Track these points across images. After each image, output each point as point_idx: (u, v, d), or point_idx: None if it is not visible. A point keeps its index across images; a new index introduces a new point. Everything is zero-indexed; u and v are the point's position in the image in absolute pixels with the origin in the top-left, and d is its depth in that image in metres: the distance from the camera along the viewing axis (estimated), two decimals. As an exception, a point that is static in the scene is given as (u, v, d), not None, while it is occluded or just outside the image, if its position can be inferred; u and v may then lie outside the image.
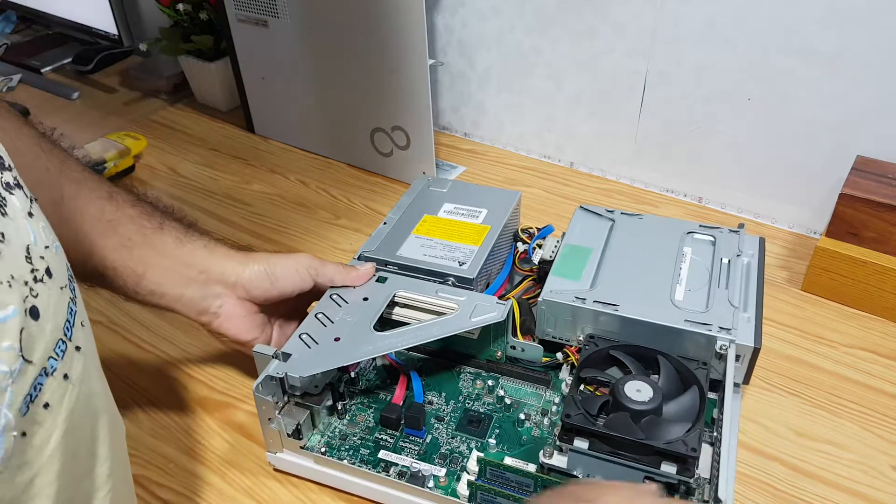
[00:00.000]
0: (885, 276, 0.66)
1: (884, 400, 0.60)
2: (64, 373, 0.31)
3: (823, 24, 0.69)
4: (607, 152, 0.90)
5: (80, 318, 0.34)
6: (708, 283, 0.58)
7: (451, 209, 0.69)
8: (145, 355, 0.68)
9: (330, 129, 0.96)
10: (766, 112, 0.76)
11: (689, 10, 0.75)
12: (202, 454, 0.58)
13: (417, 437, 0.55)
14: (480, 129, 1.01)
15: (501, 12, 0.89)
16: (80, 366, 0.33)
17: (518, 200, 0.70)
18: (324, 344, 0.53)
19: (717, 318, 0.54)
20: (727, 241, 0.63)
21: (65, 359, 0.31)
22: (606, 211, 0.67)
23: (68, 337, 0.32)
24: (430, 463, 0.53)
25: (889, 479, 0.54)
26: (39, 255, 0.31)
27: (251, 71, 0.99)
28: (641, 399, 0.49)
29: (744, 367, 0.54)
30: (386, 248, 0.63)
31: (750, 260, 0.61)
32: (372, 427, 0.56)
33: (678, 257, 0.61)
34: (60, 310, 0.31)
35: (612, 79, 0.85)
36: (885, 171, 0.69)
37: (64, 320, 0.32)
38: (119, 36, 1.21)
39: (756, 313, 0.55)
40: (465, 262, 0.61)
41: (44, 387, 0.30)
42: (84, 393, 0.33)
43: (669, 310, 0.55)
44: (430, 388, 0.59)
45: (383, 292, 0.58)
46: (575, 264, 0.61)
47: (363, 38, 0.84)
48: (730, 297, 0.56)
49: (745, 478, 0.54)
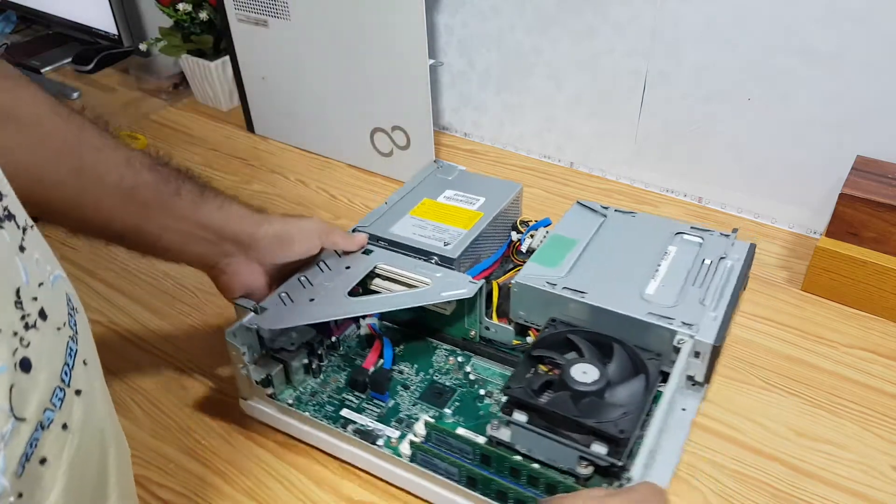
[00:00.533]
0: (885, 276, 0.66)
1: (884, 400, 0.60)
2: (62, 423, 0.29)
3: (823, 24, 0.69)
4: (607, 152, 0.90)
5: (81, 356, 0.32)
6: (683, 282, 0.59)
7: (452, 195, 0.71)
8: (145, 355, 0.68)
9: (330, 130, 0.96)
10: (766, 112, 0.76)
11: (689, 10, 0.75)
12: (202, 454, 0.58)
13: (381, 401, 0.59)
14: (480, 129, 1.01)
15: (501, 12, 0.89)
16: (80, 411, 0.30)
17: (518, 192, 0.72)
18: (298, 303, 0.57)
19: (682, 313, 0.55)
20: (715, 243, 0.63)
21: (63, 408, 0.29)
22: (602, 207, 0.68)
23: (66, 383, 0.29)
24: (386, 425, 0.56)
25: (889, 479, 0.54)
26: (32, 296, 0.28)
27: (251, 71, 0.99)
28: (585, 381, 0.50)
29: (704, 365, 0.54)
30: (379, 225, 0.67)
31: (734, 264, 0.60)
32: (342, 388, 0.60)
33: (661, 255, 0.62)
34: (57, 354, 0.29)
35: (612, 79, 0.85)
36: (885, 171, 0.69)
37: (61, 365, 0.29)
38: (119, 36, 1.21)
39: (725, 314, 0.55)
40: (451, 243, 0.64)
41: (40, 442, 0.27)
42: (87, 437, 0.31)
43: (636, 302, 0.56)
44: (405, 359, 0.63)
45: (365, 263, 0.62)
46: (556, 253, 0.63)
47: (363, 38, 0.84)
48: (702, 296, 0.57)
49: (745, 478, 0.54)
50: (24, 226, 0.31)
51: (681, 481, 0.54)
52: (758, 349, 0.65)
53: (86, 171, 0.48)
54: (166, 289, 0.76)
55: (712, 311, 0.55)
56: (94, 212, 0.49)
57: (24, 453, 0.26)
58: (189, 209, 0.53)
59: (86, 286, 0.76)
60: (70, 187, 0.47)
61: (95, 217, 0.49)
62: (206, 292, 0.75)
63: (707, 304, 0.56)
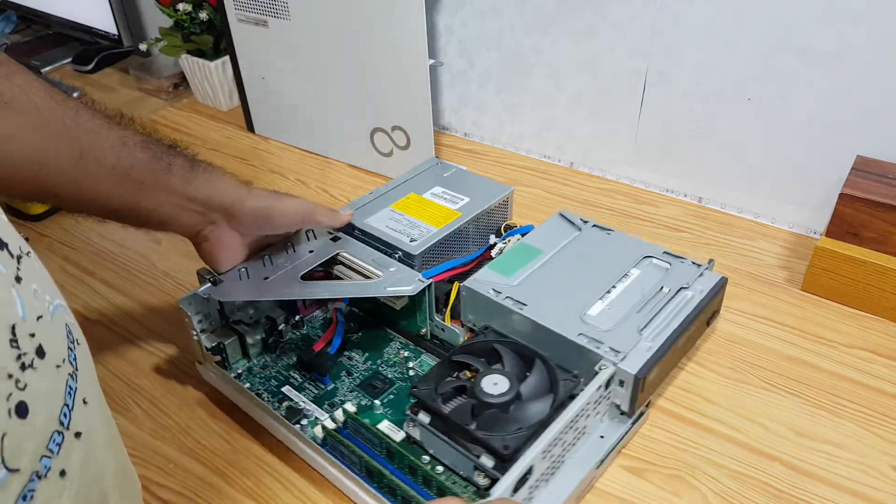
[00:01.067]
0: (885, 276, 0.66)
1: (884, 400, 0.60)
2: (60, 469, 0.27)
3: (823, 24, 0.69)
4: (607, 152, 0.90)
5: (81, 394, 0.29)
6: (630, 307, 0.56)
7: (439, 192, 0.72)
8: (145, 355, 0.68)
9: (330, 129, 0.96)
10: (766, 112, 0.76)
11: (689, 10, 0.75)
12: (202, 454, 0.58)
13: (322, 384, 0.60)
14: (480, 129, 1.01)
15: (501, 12, 0.89)
16: (81, 454, 0.28)
17: (507, 196, 0.71)
18: (254, 279, 0.60)
19: (614, 339, 0.53)
20: (683, 272, 0.60)
21: (61, 453, 0.27)
22: (581, 220, 0.67)
23: (65, 425, 0.27)
24: (319, 406, 0.58)
25: (889, 479, 0.54)
26: (29, 332, 0.26)
27: (251, 71, 0.99)
28: (492, 392, 0.50)
29: (627, 394, 0.52)
30: (357, 215, 0.68)
31: (695, 295, 0.57)
32: (291, 366, 0.62)
33: (619, 277, 0.60)
34: (56, 395, 0.27)
35: (612, 79, 0.85)
36: (885, 171, 0.69)
37: (60, 406, 0.27)
38: (119, 36, 1.21)
39: (663, 345, 0.52)
40: (417, 240, 0.64)
41: (35, 493, 0.25)
42: (86, 481, 0.29)
43: (573, 321, 0.55)
44: (359, 347, 0.64)
45: (328, 250, 0.64)
46: (515, 262, 0.62)
47: (363, 38, 0.84)
48: (644, 324, 0.54)
49: (745, 478, 0.54)
50: (18, 254, 0.28)
51: (681, 481, 0.54)
52: (758, 349, 0.65)
53: (84, 155, 0.49)
54: (166, 289, 0.76)
55: (648, 342, 0.53)
56: (92, 192, 0.50)
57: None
58: (180, 184, 0.54)
59: (86, 286, 0.76)
60: (70, 171, 0.48)
61: (94, 197, 0.51)
62: (206, 292, 0.75)
63: (645, 333, 0.54)
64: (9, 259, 0.27)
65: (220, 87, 1.09)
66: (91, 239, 0.84)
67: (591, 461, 0.52)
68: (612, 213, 0.85)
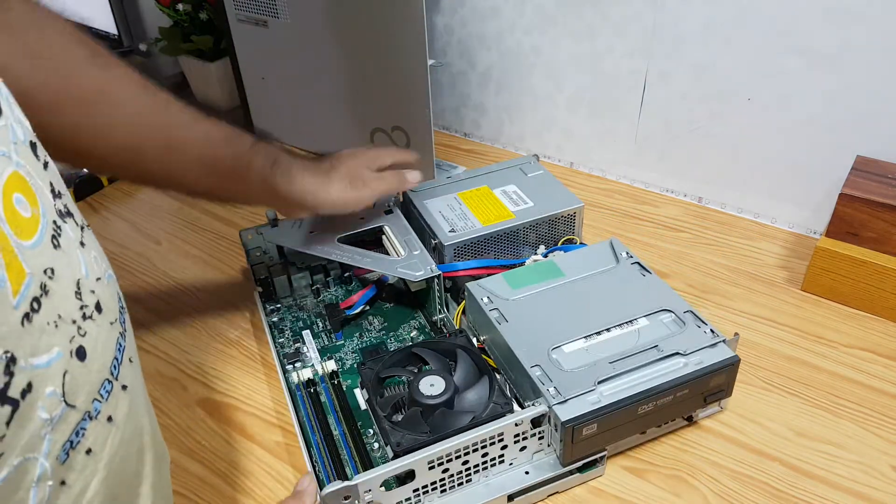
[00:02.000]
0: (885, 276, 0.66)
1: (884, 400, 0.60)
2: (108, 415, 0.30)
3: (823, 24, 0.69)
4: (607, 152, 0.90)
5: (128, 353, 0.33)
6: (608, 356, 0.53)
7: (510, 191, 0.73)
8: (145, 355, 0.68)
9: (330, 129, 0.96)
10: (766, 112, 0.76)
11: (689, 10, 0.75)
12: (202, 454, 0.58)
13: (334, 337, 0.65)
14: (480, 129, 1.01)
15: (501, 12, 0.89)
16: (125, 406, 0.31)
17: (573, 210, 0.70)
18: (303, 230, 0.67)
19: (564, 382, 0.51)
20: (692, 337, 0.54)
21: (110, 400, 0.30)
22: (627, 254, 0.63)
23: (115, 376, 0.30)
24: (321, 357, 0.62)
25: (889, 479, 0.54)
26: (90, 288, 0.30)
27: (251, 71, 0.99)
28: (425, 391, 0.53)
29: (558, 440, 0.50)
30: (422, 193, 0.73)
31: (687, 365, 0.52)
32: (321, 314, 0.67)
33: (623, 322, 0.56)
34: (109, 347, 0.30)
35: (612, 79, 0.85)
36: (885, 171, 0.69)
37: (112, 358, 0.30)
38: (119, 36, 1.21)
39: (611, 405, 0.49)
40: (457, 231, 0.66)
41: (86, 431, 0.28)
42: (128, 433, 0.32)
43: (538, 353, 0.54)
44: (383, 316, 0.67)
45: (377, 221, 0.69)
46: (530, 278, 0.61)
47: (363, 38, 0.84)
48: (606, 377, 0.51)
49: (745, 478, 0.54)
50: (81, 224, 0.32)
51: (681, 481, 0.54)
52: (758, 349, 0.65)
53: (173, 147, 0.52)
54: (166, 289, 0.76)
55: (598, 396, 0.50)
56: (180, 179, 0.55)
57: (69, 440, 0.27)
58: (259, 182, 0.57)
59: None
60: (161, 161, 0.52)
61: (182, 183, 0.55)
62: (206, 292, 0.75)
63: (602, 387, 0.51)
64: (75, 227, 0.31)
65: (220, 87, 1.09)
66: (91, 239, 0.84)
67: (501, 490, 0.51)
68: (612, 214, 0.85)
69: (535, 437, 0.51)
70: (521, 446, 0.51)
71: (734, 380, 0.55)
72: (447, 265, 0.65)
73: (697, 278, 0.74)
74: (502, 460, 0.51)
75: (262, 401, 0.62)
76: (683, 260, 0.77)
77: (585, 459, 0.52)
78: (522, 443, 0.51)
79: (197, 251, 0.81)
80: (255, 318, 0.71)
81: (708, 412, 0.58)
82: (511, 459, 0.52)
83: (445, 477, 0.49)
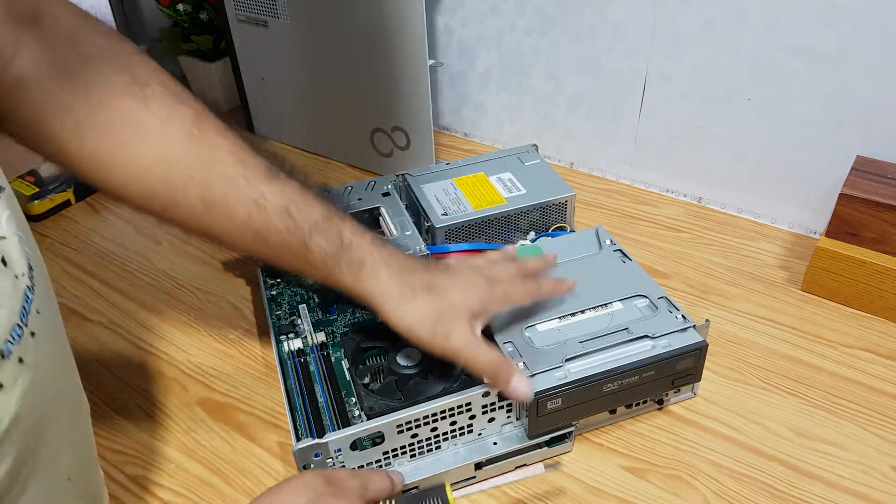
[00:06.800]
0: (885, 276, 0.66)
1: (884, 400, 0.60)
2: (18, 357, 0.32)
3: (823, 23, 0.69)
4: (607, 152, 0.90)
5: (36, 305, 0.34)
6: (577, 335, 0.55)
7: (505, 178, 0.75)
8: (145, 355, 0.68)
9: (330, 129, 0.96)
10: (766, 112, 0.76)
11: (689, 10, 0.75)
12: (202, 454, 0.58)
13: (328, 312, 0.65)
14: (480, 129, 1.01)
15: (501, 12, 0.89)
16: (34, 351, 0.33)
17: (564, 198, 0.73)
18: None
19: (534, 358, 0.53)
20: (663, 322, 0.56)
21: (21, 342, 0.32)
22: (610, 242, 0.65)
23: (24, 322, 0.32)
24: (315, 329, 0.62)
25: (889, 479, 0.54)
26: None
27: (251, 71, 0.99)
28: (401, 362, 0.55)
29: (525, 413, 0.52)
30: (420, 178, 0.75)
31: (655, 347, 0.54)
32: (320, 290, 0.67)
33: (597, 305, 0.58)
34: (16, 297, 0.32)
35: (612, 79, 0.85)
36: (885, 171, 0.69)
37: (19, 307, 0.32)
38: (119, 36, 1.21)
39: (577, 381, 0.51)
40: (449, 215, 0.68)
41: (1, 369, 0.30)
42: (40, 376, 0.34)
43: (513, 331, 0.56)
44: None
45: (374, 202, 0.72)
46: None
47: (363, 38, 0.84)
48: (574, 355, 0.53)
49: (745, 478, 0.54)
50: None
51: (681, 481, 0.54)
52: (758, 349, 0.65)
53: (216, 204, 0.45)
54: (166, 289, 0.76)
55: (565, 372, 0.52)
56: (221, 239, 0.48)
57: None
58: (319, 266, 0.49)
59: (86, 286, 0.76)
60: (200, 215, 0.46)
61: (224, 242, 0.48)
62: (206, 292, 0.75)
63: (570, 364, 0.52)
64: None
65: (220, 87, 1.09)
66: (91, 239, 0.84)
67: (468, 458, 0.53)
68: (611, 214, 0.85)
69: (504, 409, 0.53)
70: (490, 417, 0.53)
71: (702, 365, 0.56)
72: (438, 247, 0.67)
73: (697, 278, 0.74)
74: (471, 430, 0.53)
75: (262, 401, 0.62)
76: (683, 260, 0.77)
77: (552, 434, 0.54)
78: (491, 414, 0.53)
79: (197, 251, 0.81)
80: (255, 318, 0.71)
81: (680, 398, 0.60)
82: (480, 430, 0.54)
83: (415, 442, 0.52)
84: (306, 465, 0.49)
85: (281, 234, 0.46)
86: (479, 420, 0.53)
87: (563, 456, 0.56)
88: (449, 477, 0.52)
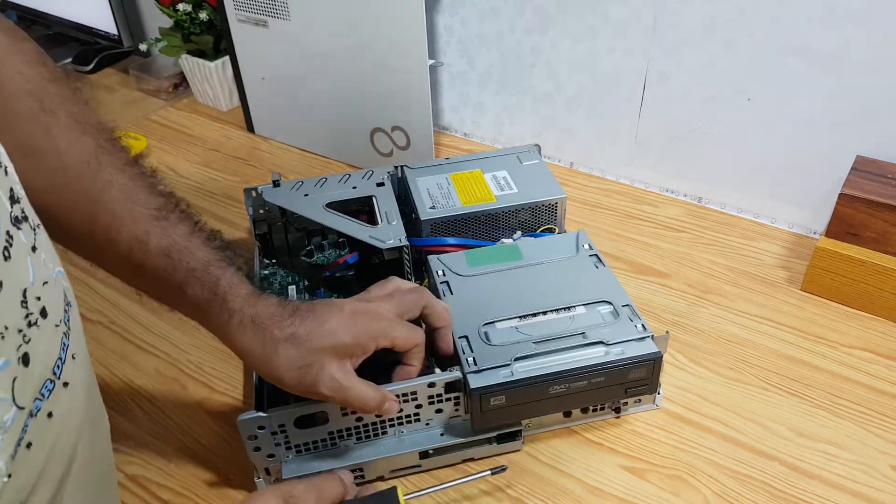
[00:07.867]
0: (885, 276, 0.66)
1: (884, 400, 0.60)
2: (48, 412, 0.31)
3: (823, 23, 0.69)
4: (607, 152, 0.90)
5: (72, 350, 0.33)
6: (533, 337, 0.55)
7: (500, 176, 0.74)
8: (145, 355, 0.68)
9: (330, 129, 0.96)
10: (766, 112, 0.76)
11: (689, 10, 0.75)
12: (202, 454, 0.58)
13: (315, 294, 0.68)
14: (480, 129, 1.01)
15: (501, 12, 0.89)
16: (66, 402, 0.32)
17: (554, 200, 0.71)
18: (300, 192, 0.71)
19: (484, 355, 0.53)
20: (622, 330, 0.55)
21: (51, 398, 0.31)
22: (588, 247, 0.65)
23: (57, 375, 0.32)
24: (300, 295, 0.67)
25: (889, 479, 0.54)
26: (36, 295, 0.30)
27: (251, 71, 0.99)
28: None
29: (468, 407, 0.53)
30: (417, 171, 0.75)
31: (608, 355, 0.53)
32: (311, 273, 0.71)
33: (560, 308, 0.58)
34: (52, 349, 0.31)
35: (612, 79, 0.85)
36: (885, 171, 0.69)
37: (55, 359, 0.31)
38: (119, 36, 1.21)
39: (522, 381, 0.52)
40: (437, 209, 0.69)
41: (28, 428, 0.29)
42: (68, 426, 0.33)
43: (470, 327, 0.56)
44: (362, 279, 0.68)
45: (366, 191, 0.72)
46: (490, 258, 0.64)
47: (363, 38, 0.84)
48: (524, 354, 0.53)
49: (745, 478, 0.54)
50: (34, 226, 0.33)
51: (681, 481, 0.54)
52: (758, 349, 0.65)
53: (97, 235, 0.45)
54: (166, 289, 0.76)
55: (511, 371, 0.52)
56: (105, 266, 0.48)
57: (20, 438, 0.29)
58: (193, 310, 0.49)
59: (86, 286, 0.76)
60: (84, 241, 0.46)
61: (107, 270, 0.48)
62: (206, 292, 0.75)
63: (518, 364, 0.53)
64: (29, 230, 0.31)
65: (220, 88, 1.09)
66: (91, 239, 0.84)
67: (413, 446, 0.54)
68: (611, 214, 0.85)
69: (451, 401, 0.54)
70: (437, 408, 0.54)
71: (657, 376, 0.56)
72: (422, 239, 0.68)
73: (697, 278, 0.74)
74: (418, 419, 0.54)
75: (262, 401, 0.62)
76: (683, 260, 0.77)
77: (499, 431, 0.55)
78: (438, 405, 0.54)
79: (197, 251, 0.81)
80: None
81: (641, 408, 0.60)
82: (427, 420, 0.55)
83: (360, 425, 0.53)
84: (251, 436, 0.51)
85: (157, 274, 0.47)
86: (425, 409, 0.54)
87: (564, 456, 0.56)
88: (392, 463, 0.54)
